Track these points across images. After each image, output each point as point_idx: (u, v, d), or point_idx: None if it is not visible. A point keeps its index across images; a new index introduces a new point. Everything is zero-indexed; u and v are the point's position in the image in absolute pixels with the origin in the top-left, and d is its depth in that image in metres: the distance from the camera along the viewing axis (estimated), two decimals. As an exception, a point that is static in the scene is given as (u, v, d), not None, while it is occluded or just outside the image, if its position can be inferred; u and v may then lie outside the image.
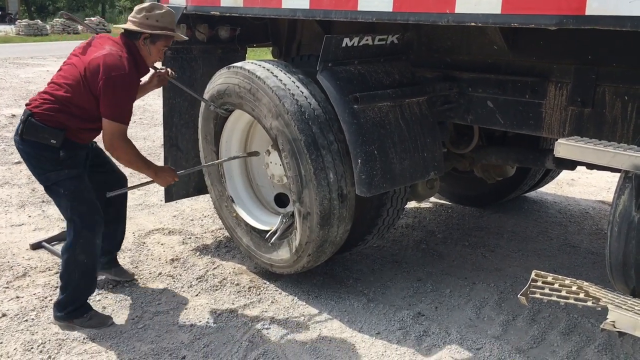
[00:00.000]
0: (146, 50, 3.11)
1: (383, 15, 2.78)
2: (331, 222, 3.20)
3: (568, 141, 2.24)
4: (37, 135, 2.94)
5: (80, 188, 3.07)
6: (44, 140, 2.95)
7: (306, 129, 3.08)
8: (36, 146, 2.97)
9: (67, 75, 3.02)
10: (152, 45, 3.10)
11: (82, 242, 3.09)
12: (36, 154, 3.00)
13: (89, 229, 3.09)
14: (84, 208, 3.08)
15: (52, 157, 2.98)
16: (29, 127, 2.95)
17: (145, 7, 3.08)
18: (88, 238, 3.10)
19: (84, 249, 3.09)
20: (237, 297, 3.53)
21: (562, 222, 4.79)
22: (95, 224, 3.12)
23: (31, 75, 13.04)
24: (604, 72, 2.70)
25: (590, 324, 3.21)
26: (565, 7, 2.17)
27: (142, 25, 3.06)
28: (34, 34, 27.28)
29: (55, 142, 2.94)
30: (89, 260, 3.12)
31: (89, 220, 3.10)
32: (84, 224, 3.08)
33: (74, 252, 3.09)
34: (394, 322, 3.24)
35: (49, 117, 2.94)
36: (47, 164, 3.01)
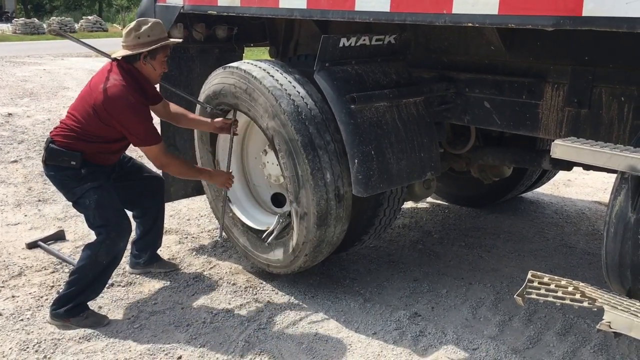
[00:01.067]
0: (149, 68, 3.16)
1: (380, 15, 2.77)
2: (328, 222, 3.20)
3: (565, 142, 2.24)
4: (57, 159, 3.11)
5: (104, 195, 3.16)
6: (64, 163, 3.10)
7: (303, 129, 3.08)
8: (58, 169, 3.13)
9: (78, 107, 3.15)
10: (152, 61, 3.15)
11: (108, 243, 3.14)
12: (59, 176, 3.15)
13: (117, 231, 3.16)
14: (110, 213, 3.17)
15: (74, 175, 3.12)
16: (50, 152, 3.12)
17: (132, 28, 3.12)
18: (114, 240, 3.15)
19: (108, 251, 3.15)
20: (234, 297, 3.52)
21: (559, 222, 4.80)
22: (123, 228, 3.19)
23: (28, 74, 13.00)
24: (601, 73, 2.71)
25: (586, 324, 3.21)
26: (562, 8, 2.17)
27: (136, 47, 3.10)
28: (30, 33, 27.22)
29: (75, 164, 3.09)
30: (108, 263, 3.18)
31: (117, 223, 3.17)
32: (112, 227, 3.15)
33: (96, 252, 3.13)
34: (390, 322, 3.23)
35: (66, 144, 3.11)
36: (71, 182, 3.15)
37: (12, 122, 7.96)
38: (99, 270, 3.17)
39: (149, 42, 3.10)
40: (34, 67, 14.39)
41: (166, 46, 3.18)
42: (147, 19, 3.22)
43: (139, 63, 3.13)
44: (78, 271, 3.17)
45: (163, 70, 3.25)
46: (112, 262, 3.22)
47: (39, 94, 10.34)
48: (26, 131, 7.42)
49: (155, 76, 3.23)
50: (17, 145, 6.80)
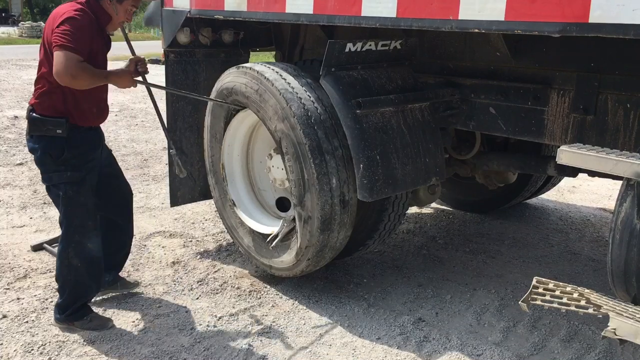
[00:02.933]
0: (112, 10, 3.01)
1: (387, 21, 2.79)
2: (332, 228, 3.20)
3: (570, 148, 2.25)
4: (42, 128, 2.92)
5: (79, 192, 3.03)
6: (50, 132, 2.91)
7: (311, 133, 3.08)
8: (42, 141, 2.94)
9: (40, 52, 2.96)
10: (118, 5, 3.00)
11: (74, 247, 3.07)
12: (42, 150, 2.95)
13: (80, 234, 3.06)
14: (78, 213, 3.05)
15: (56, 154, 2.94)
16: (33, 121, 2.94)
17: None
18: (80, 242, 3.07)
19: (77, 253, 3.08)
20: (238, 300, 3.52)
21: (563, 229, 4.79)
22: (88, 230, 3.08)
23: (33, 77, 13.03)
24: (607, 79, 2.71)
25: (591, 331, 3.20)
26: (568, 14, 2.18)
27: None
28: (36, 36, 27.30)
29: (61, 132, 2.90)
30: (83, 264, 3.09)
31: (81, 225, 3.06)
32: (76, 229, 3.05)
33: (67, 257, 3.08)
34: (394, 328, 3.23)
35: (46, 105, 2.92)
36: (51, 162, 2.97)
37: (18, 124, 7.99)
38: (77, 272, 3.09)
39: None
40: (40, 70, 14.43)
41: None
42: None
43: (104, 2, 2.98)
44: (59, 278, 3.13)
45: (125, 21, 3.11)
46: (86, 260, 3.10)
47: (44, 97, 10.37)
48: (32, 134, 7.44)
49: (114, 22, 3.06)
50: (23, 148, 6.82)
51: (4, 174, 5.89)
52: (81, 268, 3.10)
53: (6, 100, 9.95)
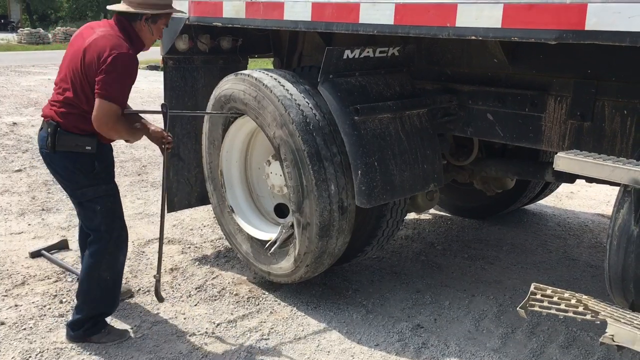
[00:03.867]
0: (147, 31, 2.98)
1: (384, 28, 2.80)
2: (330, 234, 3.20)
3: (567, 155, 2.26)
4: (71, 144, 2.88)
5: (116, 204, 3.06)
6: (78, 149, 2.88)
7: (310, 139, 3.09)
8: (71, 157, 2.90)
9: (66, 72, 2.91)
10: (153, 25, 2.97)
11: (108, 259, 3.05)
12: (71, 166, 2.92)
13: (118, 245, 3.07)
14: (117, 225, 3.06)
15: (87, 169, 2.92)
16: (61, 137, 2.86)
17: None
18: (115, 255, 3.07)
19: (109, 266, 3.05)
20: (236, 307, 3.52)
21: (562, 234, 4.79)
22: (124, 241, 3.11)
23: (32, 84, 13.07)
24: (604, 86, 2.73)
25: (589, 337, 3.20)
26: (565, 22, 2.19)
27: (143, 6, 2.90)
28: (35, 42, 27.40)
29: (91, 148, 2.88)
30: (112, 277, 3.08)
31: (119, 237, 3.07)
32: (114, 241, 3.04)
33: (98, 269, 3.03)
34: (392, 334, 3.23)
35: (74, 125, 2.88)
36: (83, 178, 2.94)
37: (17, 131, 8.00)
38: (104, 285, 3.07)
39: (157, 5, 2.93)
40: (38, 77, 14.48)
41: (170, 14, 3.06)
42: None
43: (138, 23, 2.93)
44: (83, 293, 3.06)
45: (159, 38, 3.12)
46: (116, 274, 3.12)
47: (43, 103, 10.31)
48: (30, 140, 7.45)
49: (150, 41, 3.04)
50: (22, 155, 6.83)
51: (2, 180, 5.88)
52: (109, 281, 3.07)
53: (5, 106, 9.95)
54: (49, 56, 21.01)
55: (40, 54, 22.19)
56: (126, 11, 2.92)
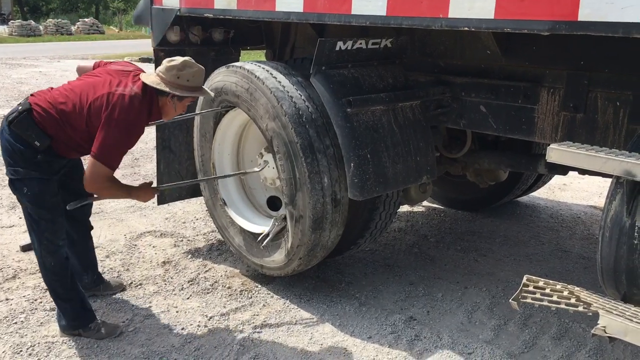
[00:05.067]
0: (171, 107, 2.97)
1: (377, 19, 2.78)
2: (323, 227, 3.19)
3: (560, 146, 2.25)
4: (25, 131, 2.81)
5: (46, 190, 2.93)
6: (28, 139, 2.82)
7: (303, 131, 3.07)
8: (18, 140, 2.82)
9: (79, 90, 2.91)
10: (178, 103, 2.98)
11: (45, 245, 2.98)
12: (15, 147, 2.84)
13: (51, 231, 2.98)
14: (45, 211, 2.95)
15: (29, 155, 2.84)
16: (21, 120, 2.81)
17: (176, 66, 2.90)
18: (49, 240, 2.98)
19: (48, 252, 2.99)
20: (229, 300, 3.51)
21: (554, 226, 4.80)
22: (57, 226, 3.01)
23: (24, 76, 12.98)
24: (596, 77, 2.72)
25: (581, 329, 3.21)
26: (557, 13, 2.18)
27: (171, 85, 2.88)
28: (27, 35, 27.18)
29: (39, 145, 2.83)
30: (56, 262, 3.01)
31: (51, 222, 2.98)
32: (46, 226, 2.96)
33: (40, 256, 3.01)
34: (385, 326, 3.23)
35: (42, 121, 2.82)
36: (20, 160, 2.86)
37: (8, 124, 7.93)
38: (52, 270, 3.02)
39: (185, 87, 2.91)
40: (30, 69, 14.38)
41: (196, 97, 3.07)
42: (194, 62, 2.97)
43: (164, 99, 2.94)
44: (45, 282, 3.09)
45: (182, 112, 3.09)
46: (59, 258, 3.02)
47: (34, 96, 10.31)
48: (21, 133, 7.39)
49: (171, 116, 3.05)
50: (12, 147, 6.77)
51: (-7, 173, 5.83)
52: (55, 266, 3.02)
53: (-5, 99, 9.88)
54: (40, 48, 20.88)
55: (31, 47, 22.02)
56: (156, 88, 2.89)
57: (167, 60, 2.95)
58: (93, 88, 2.89)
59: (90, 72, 3.09)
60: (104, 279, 3.58)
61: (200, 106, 3.79)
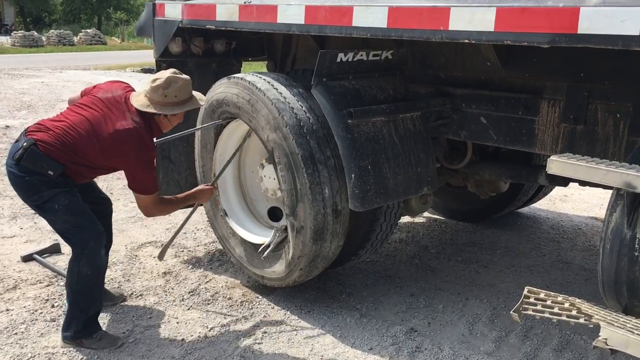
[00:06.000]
0: (166, 122, 3.10)
1: (377, 31, 2.80)
2: (324, 237, 3.20)
3: (560, 158, 2.25)
4: (36, 164, 2.86)
5: (75, 201, 2.98)
6: (40, 170, 2.87)
7: (304, 143, 3.08)
8: (31, 173, 2.88)
9: (80, 125, 2.94)
10: (173, 117, 3.08)
11: (87, 253, 2.99)
12: (29, 178, 2.89)
13: (94, 238, 3.01)
14: (83, 219, 3.00)
15: (46, 180, 2.90)
16: (30, 155, 2.84)
17: (161, 85, 2.95)
18: (94, 248, 3.01)
19: (89, 261, 3.00)
20: (229, 311, 3.51)
21: (555, 238, 4.80)
22: (98, 233, 3.05)
23: (26, 87, 13.02)
24: (596, 89, 2.73)
25: (582, 341, 3.20)
26: (557, 25, 2.19)
27: (160, 105, 2.97)
28: (29, 45, 27.31)
29: (53, 174, 2.88)
30: (92, 273, 3.03)
31: (91, 230, 3.01)
32: (88, 234, 3.00)
33: (78, 265, 3.00)
34: (386, 338, 3.22)
35: (50, 152, 2.87)
36: (40, 186, 2.91)
37: (10, 134, 7.96)
38: (85, 282, 3.01)
39: (174, 103, 3.00)
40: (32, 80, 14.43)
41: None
42: (177, 76, 3.02)
43: (158, 117, 3.05)
44: (68, 290, 3.08)
45: (179, 122, 3.17)
46: (97, 269, 3.06)
47: (36, 106, 10.36)
48: (23, 143, 7.41)
49: (168, 129, 3.16)
50: (14, 158, 6.78)
51: (-6, 183, 5.85)
52: (90, 277, 3.03)
53: (-2, 109, 9.92)
54: (42, 59, 20.96)
55: (33, 57, 22.11)
56: (147, 111, 2.98)
57: (152, 80, 3.00)
58: (92, 119, 2.94)
59: (81, 102, 3.08)
60: (105, 289, 3.57)
61: (202, 117, 3.80)
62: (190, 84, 3.09)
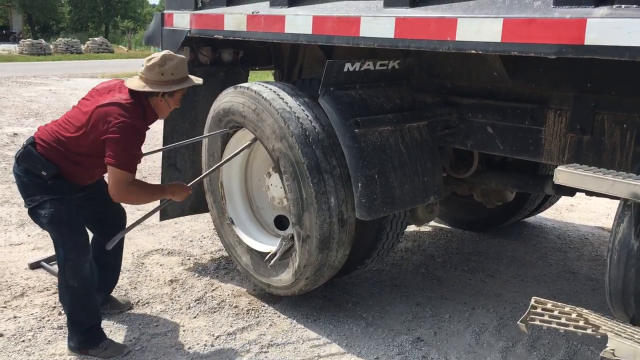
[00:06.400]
0: (164, 105, 3.03)
1: (385, 41, 2.81)
2: (330, 247, 3.20)
3: (568, 168, 2.26)
4: (30, 163, 2.94)
5: (60, 209, 2.96)
6: (35, 170, 2.94)
7: (310, 152, 3.09)
8: (27, 172, 2.97)
9: (74, 117, 2.99)
10: (170, 99, 3.02)
11: (70, 265, 3.00)
12: (25, 179, 2.98)
13: (76, 251, 3.00)
14: (66, 231, 2.98)
15: (39, 183, 2.95)
16: (26, 154, 2.97)
17: (157, 63, 2.93)
18: (76, 261, 3.00)
19: (73, 273, 3.00)
20: (236, 319, 3.51)
21: (562, 247, 4.78)
22: (81, 246, 3.03)
23: (34, 94, 13.11)
24: (603, 100, 2.73)
25: (589, 351, 3.19)
26: (564, 36, 2.20)
27: (157, 84, 2.93)
28: (37, 53, 27.53)
29: (46, 175, 2.92)
30: (79, 284, 3.02)
31: (73, 242, 3.00)
32: (69, 246, 2.99)
33: (64, 277, 3.02)
34: (392, 347, 3.22)
35: (46, 153, 2.95)
36: (33, 188, 2.98)
37: (18, 142, 8.00)
38: (74, 292, 3.02)
39: (172, 81, 2.96)
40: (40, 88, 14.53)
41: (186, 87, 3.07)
42: (172, 54, 3.03)
43: (155, 99, 2.99)
44: (62, 302, 3.10)
45: (176, 107, 3.13)
46: (83, 280, 3.03)
47: (44, 114, 10.42)
48: (31, 151, 7.45)
49: (167, 113, 3.11)
50: (22, 165, 6.82)
51: (2, 191, 5.89)
52: (78, 288, 3.03)
53: (6, 117, 9.98)
54: (50, 67, 21.11)
55: (41, 65, 22.27)
56: (143, 90, 2.94)
57: (147, 60, 2.97)
58: (85, 109, 2.98)
59: (88, 94, 3.16)
60: (112, 297, 3.59)
61: (209, 126, 3.83)
62: (185, 62, 3.05)
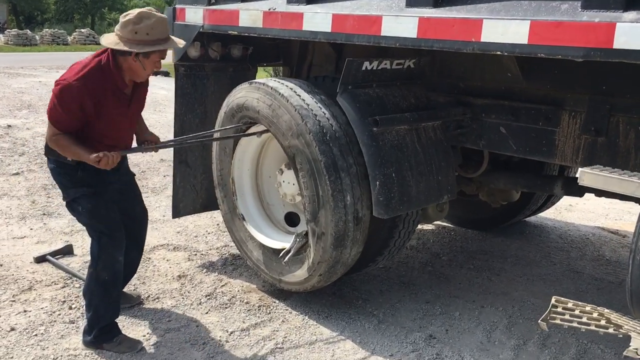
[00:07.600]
0: (138, 66, 2.83)
1: (407, 41, 2.82)
2: (345, 244, 3.22)
3: (593, 170, 2.30)
4: (54, 152, 2.93)
5: (98, 205, 3.01)
6: (60, 158, 2.94)
7: (327, 150, 3.10)
8: (56, 163, 3.00)
9: None
10: (145, 59, 2.81)
11: (104, 259, 3.03)
12: (57, 170, 3.02)
13: (112, 246, 3.04)
14: (103, 226, 3.04)
15: (70, 173, 2.98)
16: (47, 146, 2.97)
17: (131, 20, 2.75)
18: (109, 254, 3.04)
19: (105, 266, 3.03)
20: (248, 315, 3.51)
21: (564, 247, 4.85)
22: (116, 241, 3.06)
23: (24, 86, 12.92)
24: (618, 102, 2.77)
25: (600, 350, 3.24)
26: (593, 40, 2.23)
27: (130, 42, 2.74)
28: (23, 44, 27.16)
29: (71, 160, 2.92)
30: (110, 278, 3.05)
31: (110, 237, 3.04)
32: (106, 240, 3.03)
33: (95, 269, 3.04)
34: (406, 345, 3.24)
35: None
36: (66, 181, 3.01)
37: (12, 134, 7.90)
38: (104, 286, 3.05)
39: (145, 42, 2.75)
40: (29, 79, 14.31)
41: (164, 50, 2.85)
42: (150, 12, 2.81)
43: (128, 58, 2.79)
44: (86, 294, 3.10)
45: (156, 69, 2.96)
46: (114, 274, 3.07)
47: (37, 106, 10.27)
48: (26, 143, 7.38)
49: (143, 75, 2.91)
50: (18, 158, 6.76)
51: (0, 183, 5.82)
52: (108, 282, 3.05)
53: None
54: (37, 58, 20.84)
55: (28, 56, 21.97)
56: (113, 48, 2.79)
57: (123, 16, 2.82)
58: None
59: None
60: (123, 291, 3.57)
61: (222, 121, 3.82)
62: (166, 23, 2.86)
